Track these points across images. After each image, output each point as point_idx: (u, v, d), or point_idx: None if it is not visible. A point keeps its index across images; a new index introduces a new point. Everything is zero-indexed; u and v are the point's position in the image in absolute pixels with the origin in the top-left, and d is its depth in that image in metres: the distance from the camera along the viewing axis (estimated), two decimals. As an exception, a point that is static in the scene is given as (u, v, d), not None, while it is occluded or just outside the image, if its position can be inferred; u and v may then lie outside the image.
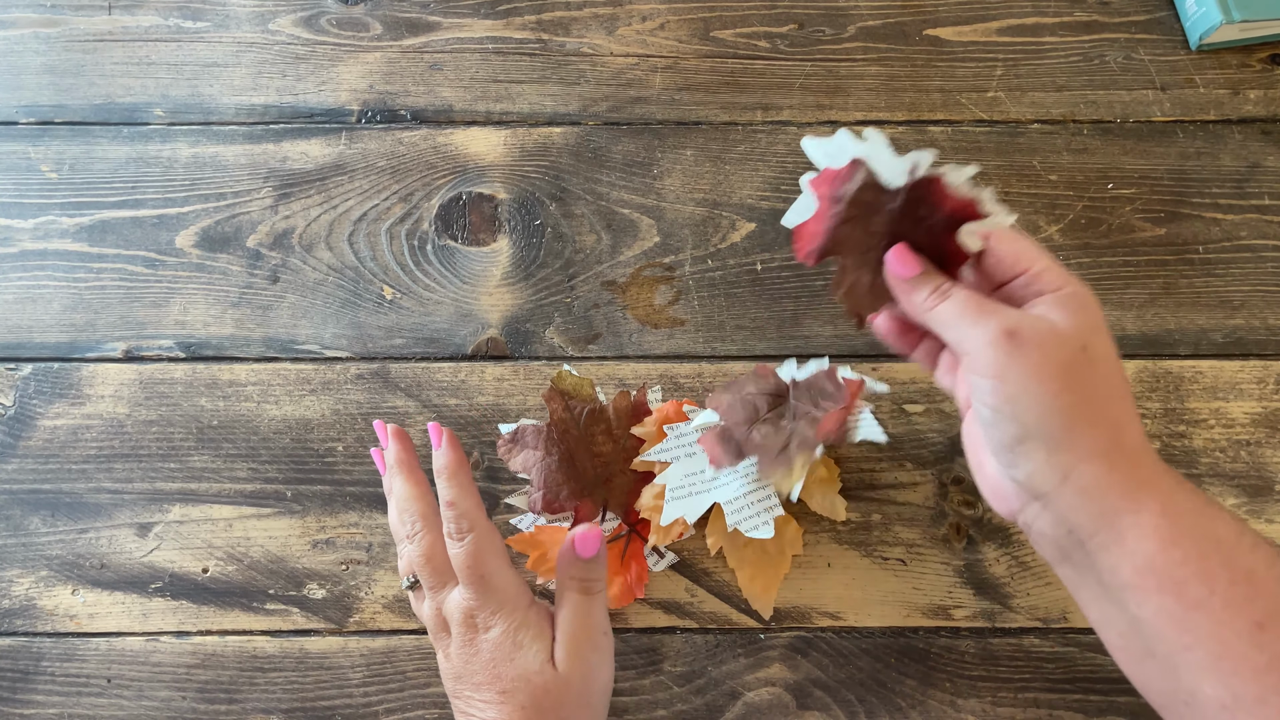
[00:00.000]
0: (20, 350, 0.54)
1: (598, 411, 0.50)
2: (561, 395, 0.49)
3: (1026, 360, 0.35)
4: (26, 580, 0.50)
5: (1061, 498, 0.35)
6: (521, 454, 0.48)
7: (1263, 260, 0.55)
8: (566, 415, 0.49)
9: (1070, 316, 0.36)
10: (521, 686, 0.41)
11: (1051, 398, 0.34)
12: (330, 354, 0.54)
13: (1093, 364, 0.35)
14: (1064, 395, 0.34)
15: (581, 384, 0.50)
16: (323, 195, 0.57)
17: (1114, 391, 0.36)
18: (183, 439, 0.52)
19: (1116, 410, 0.36)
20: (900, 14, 0.62)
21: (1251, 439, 0.52)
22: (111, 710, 0.48)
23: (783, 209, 0.57)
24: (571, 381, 0.50)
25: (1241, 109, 0.59)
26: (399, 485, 0.46)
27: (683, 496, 0.47)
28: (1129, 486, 0.34)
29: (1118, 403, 0.36)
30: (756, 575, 0.49)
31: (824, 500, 0.49)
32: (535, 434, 0.49)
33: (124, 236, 0.57)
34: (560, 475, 0.48)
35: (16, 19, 0.62)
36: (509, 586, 0.43)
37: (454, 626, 0.42)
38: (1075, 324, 0.35)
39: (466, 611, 0.42)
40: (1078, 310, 0.36)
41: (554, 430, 0.49)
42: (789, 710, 0.48)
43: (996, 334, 0.35)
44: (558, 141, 0.59)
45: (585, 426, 0.49)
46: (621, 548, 0.49)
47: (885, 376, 0.53)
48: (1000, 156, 0.58)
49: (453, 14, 0.62)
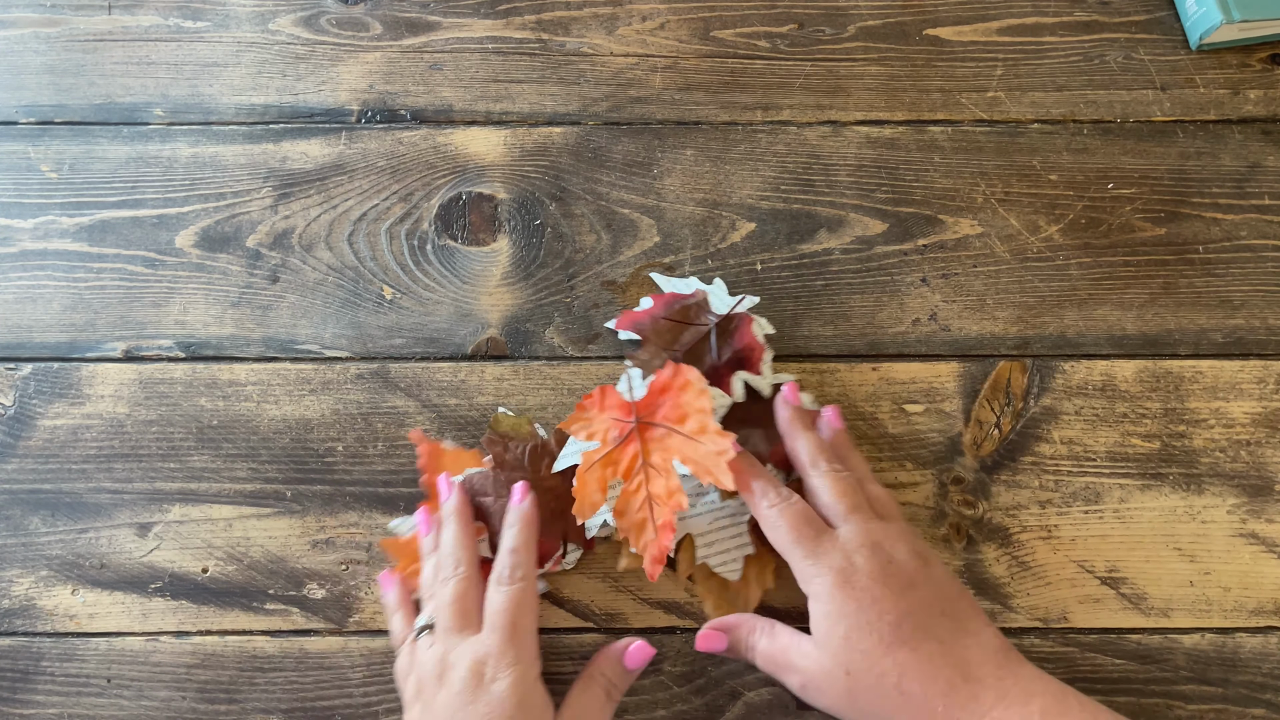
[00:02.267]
0: (20, 350, 0.54)
1: (541, 446, 0.50)
2: (502, 438, 0.50)
3: (822, 700, 0.42)
4: (26, 580, 0.50)
5: None
6: (474, 502, 0.48)
7: (1263, 260, 0.55)
8: (509, 457, 0.49)
9: (822, 647, 0.41)
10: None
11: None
12: (330, 354, 0.54)
13: (859, 685, 0.40)
14: (861, 716, 0.40)
15: (519, 423, 0.50)
16: (322, 195, 0.57)
17: (894, 689, 0.39)
18: (182, 439, 0.52)
19: (908, 694, 0.39)
20: (900, 14, 0.62)
21: (1252, 439, 0.52)
22: (111, 710, 0.48)
23: (783, 209, 0.57)
24: (509, 423, 0.50)
25: (1242, 109, 0.59)
26: (453, 529, 0.46)
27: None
28: None
29: (904, 688, 0.39)
30: (721, 606, 0.48)
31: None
32: (484, 479, 0.49)
33: (124, 236, 0.57)
34: None
35: (16, 19, 0.62)
36: (532, 647, 0.43)
37: (455, 673, 0.41)
38: (831, 652, 0.41)
39: (479, 658, 0.41)
40: (825, 636, 0.41)
41: (499, 474, 0.49)
42: (789, 710, 0.48)
43: (798, 690, 0.42)
44: (558, 141, 0.59)
45: (530, 464, 0.49)
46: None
47: (885, 376, 0.53)
48: (1000, 156, 0.58)
49: (453, 14, 0.62)
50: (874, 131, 0.59)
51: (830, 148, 0.58)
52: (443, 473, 0.49)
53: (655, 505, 0.45)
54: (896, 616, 0.40)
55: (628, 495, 0.46)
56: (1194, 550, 0.50)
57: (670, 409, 0.46)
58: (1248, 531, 0.50)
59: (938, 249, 0.56)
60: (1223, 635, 0.49)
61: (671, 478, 0.45)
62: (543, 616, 0.49)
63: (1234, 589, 0.49)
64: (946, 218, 0.57)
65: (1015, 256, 0.56)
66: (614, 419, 0.47)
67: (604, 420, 0.47)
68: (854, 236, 0.56)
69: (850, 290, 0.55)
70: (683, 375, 0.46)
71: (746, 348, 0.50)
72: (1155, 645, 0.48)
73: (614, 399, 0.48)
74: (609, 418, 0.47)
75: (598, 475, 0.46)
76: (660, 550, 0.44)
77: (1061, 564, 0.50)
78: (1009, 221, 0.57)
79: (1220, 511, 0.51)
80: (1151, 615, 0.49)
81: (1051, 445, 0.52)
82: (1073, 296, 0.55)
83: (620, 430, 0.47)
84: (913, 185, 0.57)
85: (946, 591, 0.41)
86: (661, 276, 0.55)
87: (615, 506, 0.46)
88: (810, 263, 0.56)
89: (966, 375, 0.53)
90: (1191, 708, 0.47)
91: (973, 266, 0.56)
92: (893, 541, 0.42)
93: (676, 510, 0.44)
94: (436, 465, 0.50)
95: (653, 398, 0.47)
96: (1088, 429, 0.52)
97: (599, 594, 0.50)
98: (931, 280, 0.55)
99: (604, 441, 0.47)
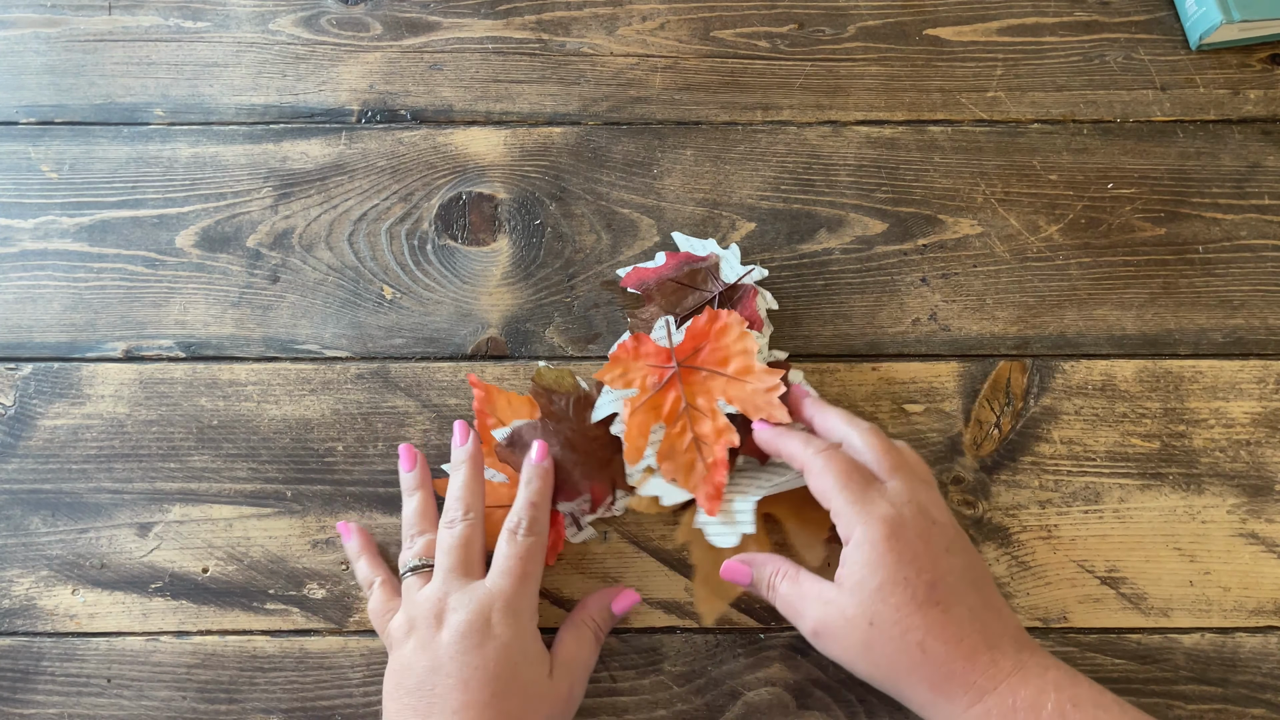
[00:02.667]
0: (20, 350, 0.54)
1: (583, 399, 0.51)
2: (546, 391, 0.50)
3: (836, 649, 0.41)
4: (26, 580, 0.50)
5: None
6: (522, 454, 0.48)
7: (1263, 260, 0.55)
8: (554, 409, 0.50)
9: (850, 594, 0.41)
10: (517, 692, 0.41)
11: (867, 671, 0.41)
12: (330, 354, 0.54)
13: (879, 635, 0.40)
14: (875, 670, 0.40)
15: (562, 376, 0.51)
16: (323, 195, 0.57)
17: (914, 644, 0.39)
18: (183, 439, 0.52)
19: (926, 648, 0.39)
20: (900, 14, 0.62)
21: (1251, 439, 0.52)
22: (111, 710, 0.48)
23: (783, 209, 0.57)
24: (551, 377, 0.51)
25: (1241, 109, 0.59)
26: (466, 472, 0.47)
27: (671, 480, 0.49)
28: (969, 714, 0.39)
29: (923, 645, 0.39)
30: (710, 579, 0.49)
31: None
32: (532, 430, 0.49)
33: (124, 236, 0.57)
34: (568, 463, 0.49)
35: (17, 19, 0.62)
36: (535, 598, 0.44)
37: (458, 616, 0.42)
38: (859, 601, 0.40)
39: (485, 604, 0.42)
40: (858, 583, 0.40)
41: (548, 424, 0.49)
42: (789, 710, 0.48)
43: (809, 634, 0.42)
44: (558, 141, 0.59)
45: (575, 415, 0.50)
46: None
47: (885, 376, 0.53)
48: (1000, 156, 0.58)
49: (453, 14, 0.62)
50: (874, 131, 0.59)
51: (830, 148, 0.58)
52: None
53: (703, 445, 0.47)
54: (934, 576, 0.40)
55: (672, 439, 0.48)
56: (1194, 550, 0.50)
57: (710, 354, 0.49)
58: (1247, 531, 0.50)
59: (938, 249, 0.56)
60: (1222, 635, 0.49)
61: (718, 418, 0.47)
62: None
63: (1234, 589, 0.49)
64: (946, 218, 0.57)
65: (1015, 256, 0.56)
66: (651, 366, 0.49)
67: (640, 368, 0.49)
68: (854, 236, 0.56)
69: (850, 290, 0.55)
70: (721, 319, 0.49)
71: (747, 320, 0.50)
72: (1155, 645, 0.48)
73: (648, 347, 0.50)
74: (645, 365, 0.49)
75: (639, 421, 0.48)
76: (715, 486, 0.47)
77: (1061, 564, 0.50)
78: (1009, 221, 0.57)
79: (1220, 511, 0.51)
80: (1151, 615, 0.49)
81: (1051, 445, 0.52)
82: (1073, 296, 0.55)
83: (659, 376, 0.48)
84: (913, 185, 0.57)
85: (978, 566, 0.42)
86: (682, 235, 0.56)
87: (660, 450, 0.48)
88: (810, 263, 0.56)
89: (966, 375, 0.53)
90: (1191, 707, 0.47)
91: (973, 266, 0.56)
92: (936, 505, 0.43)
93: (728, 447, 0.46)
94: (492, 408, 0.51)
95: (691, 343, 0.49)
96: (1087, 429, 0.52)
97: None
98: (931, 280, 0.55)
99: (643, 388, 0.48)
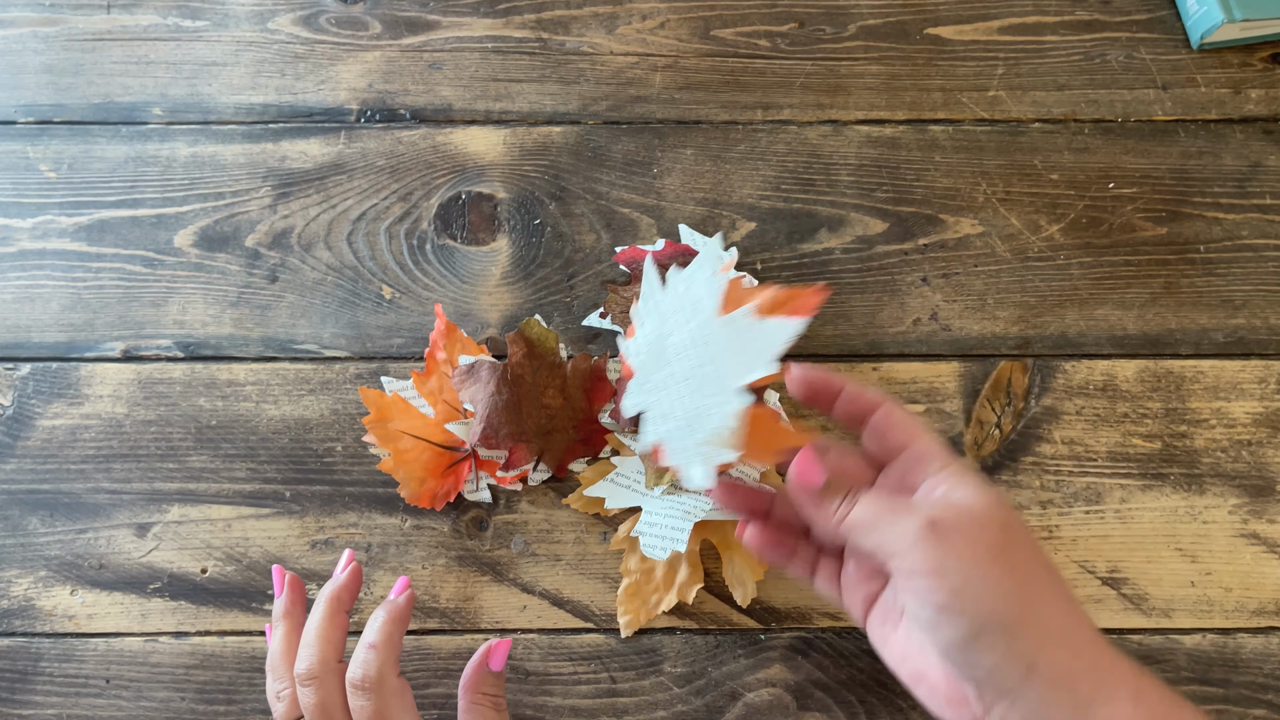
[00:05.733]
0: (19, 350, 0.54)
1: (556, 365, 0.51)
2: (526, 342, 0.50)
3: (959, 548, 0.33)
4: (25, 580, 0.50)
5: (1031, 691, 0.32)
6: (472, 387, 0.49)
7: (1264, 260, 0.55)
8: (525, 363, 0.50)
9: (976, 495, 0.35)
10: None
11: (996, 583, 0.33)
12: (329, 354, 0.54)
13: (1017, 541, 0.34)
14: (1008, 578, 0.33)
15: (547, 336, 0.51)
16: (321, 195, 0.57)
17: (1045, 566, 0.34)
18: (181, 439, 0.52)
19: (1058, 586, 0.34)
20: (901, 13, 0.61)
21: (1253, 439, 0.52)
22: (110, 711, 0.48)
23: (783, 208, 0.57)
24: (538, 331, 0.51)
25: (1243, 108, 0.59)
26: (321, 616, 0.42)
27: (622, 485, 0.49)
28: (1097, 674, 0.33)
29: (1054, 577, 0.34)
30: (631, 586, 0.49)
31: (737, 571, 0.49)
32: (490, 371, 0.49)
33: (122, 236, 0.56)
34: (503, 416, 0.49)
35: (16, 18, 0.62)
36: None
37: None
38: (985, 502, 0.35)
39: None
40: (979, 487, 0.35)
41: (508, 372, 0.49)
42: (789, 711, 0.47)
43: (920, 529, 0.33)
44: (557, 141, 0.59)
45: (540, 376, 0.50)
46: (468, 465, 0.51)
47: (885, 376, 0.53)
48: (1001, 155, 0.58)
49: (452, 13, 0.62)
50: (875, 131, 0.59)
51: (831, 147, 0.58)
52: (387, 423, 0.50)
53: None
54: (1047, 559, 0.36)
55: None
56: (1195, 551, 0.50)
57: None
58: (1249, 532, 0.50)
59: (938, 248, 0.56)
60: (1224, 636, 0.49)
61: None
62: (542, 617, 0.49)
63: (1235, 589, 0.49)
64: (947, 217, 0.57)
65: (1016, 256, 0.56)
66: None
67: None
68: (854, 236, 0.56)
69: (851, 290, 0.55)
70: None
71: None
72: (1156, 646, 0.48)
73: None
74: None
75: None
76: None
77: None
78: (1010, 221, 0.56)
79: (1222, 512, 0.50)
80: (1153, 616, 0.49)
81: (1052, 445, 0.52)
82: (1074, 296, 0.55)
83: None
84: (913, 184, 0.57)
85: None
86: (687, 229, 0.56)
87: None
88: (810, 262, 0.56)
89: (967, 375, 0.53)
90: (1193, 708, 0.47)
91: (973, 266, 0.55)
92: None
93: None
94: (448, 343, 0.52)
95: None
96: (1089, 429, 0.52)
97: (599, 594, 0.50)
98: (932, 280, 0.55)
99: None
